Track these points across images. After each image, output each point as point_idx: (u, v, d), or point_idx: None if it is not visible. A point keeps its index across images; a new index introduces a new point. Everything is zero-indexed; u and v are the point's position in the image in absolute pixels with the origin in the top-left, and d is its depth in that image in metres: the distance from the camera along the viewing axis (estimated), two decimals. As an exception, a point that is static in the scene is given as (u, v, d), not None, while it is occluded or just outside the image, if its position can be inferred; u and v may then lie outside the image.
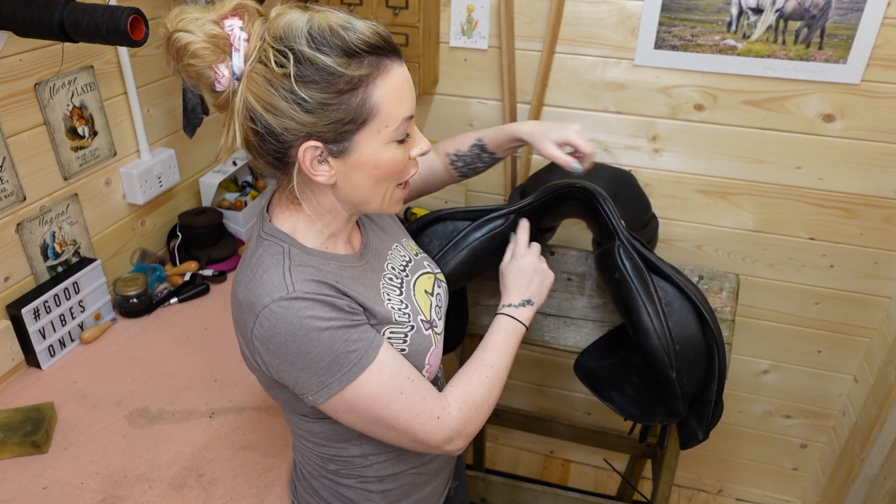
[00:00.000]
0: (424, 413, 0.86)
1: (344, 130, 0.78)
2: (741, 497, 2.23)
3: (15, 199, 1.26)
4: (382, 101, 0.78)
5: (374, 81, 0.77)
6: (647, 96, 1.65)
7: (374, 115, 0.78)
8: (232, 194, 1.83)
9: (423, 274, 1.04)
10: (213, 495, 1.07)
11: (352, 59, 0.75)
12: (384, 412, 0.84)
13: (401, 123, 0.80)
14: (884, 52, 1.46)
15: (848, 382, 1.90)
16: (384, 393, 0.84)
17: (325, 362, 0.81)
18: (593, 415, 2.22)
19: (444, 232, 1.20)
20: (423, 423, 0.86)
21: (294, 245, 0.86)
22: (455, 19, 1.68)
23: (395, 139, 0.81)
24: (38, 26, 1.07)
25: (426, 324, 0.96)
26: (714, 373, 1.16)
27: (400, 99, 0.79)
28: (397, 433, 0.87)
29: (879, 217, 1.65)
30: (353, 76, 0.75)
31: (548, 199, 1.21)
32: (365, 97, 0.77)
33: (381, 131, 0.79)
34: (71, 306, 1.36)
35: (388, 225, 1.07)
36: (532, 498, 1.66)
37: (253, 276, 0.83)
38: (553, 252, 1.46)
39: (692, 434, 1.22)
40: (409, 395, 0.86)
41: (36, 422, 1.14)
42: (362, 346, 0.83)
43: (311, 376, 0.81)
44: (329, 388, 0.82)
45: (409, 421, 0.86)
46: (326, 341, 0.80)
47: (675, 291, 1.17)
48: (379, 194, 0.86)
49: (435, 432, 0.87)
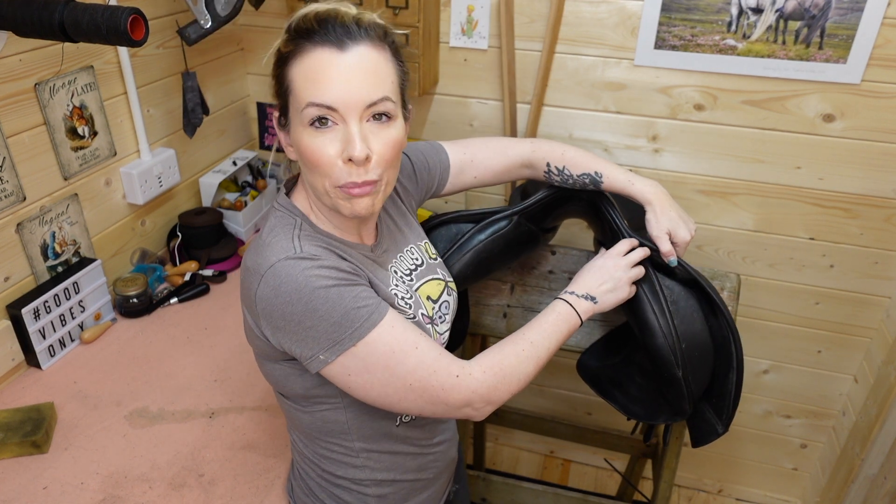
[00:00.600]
0: (442, 369, 0.84)
1: (282, 103, 0.84)
2: (741, 497, 2.23)
3: (15, 199, 1.26)
4: (295, 80, 0.80)
5: (292, 60, 0.81)
6: (647, 96, 1.65)
7: (290, 92, 0.82)
8: (232, 194, 1.83)
9: (433, 279, 1.03)
10: (213, 495, 1.07)
11: (288, 34, 0.81)
12: (400, 368, 0.82)
13: (307, 107, 0.79)
14: (884, 52, 1.46)
15: (848, 382, 1.90)
16: (399, 347, 0.82)
17: (334, 318, 0.79)
18: (593, 415, 2.22)
19: (448, 235, 1.20)
20: (440, 381, 0.84)
21: (306, 221, 0.88)
22: (455, 19, 1.68)
23: (307, 123, 0.80)
24: (38, 26, 1.07)
25: (426, 318, 0.95)
26: (732, 363, 1.15)
27: (312, 83, 0.79)
28: (415, 394, 0.84)
29: (879, 217, 1.65)
30: (283, 50, 0.82)
31: (551, 200, 1.21)
32: (284, 72, 0.82)
33: (300, 111, 0.80)
34: (71, 306, 1.36)
35: (406, 225, 1.06)
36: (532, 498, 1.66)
37: (262, 243, 0.84)
38: (554, 251, 1.46)
39: (710, 428, 1.19)
40: (425, 349, 0.84)
41: (36, 422, 1.14)
42: (372, 302, 0.82)
43: (321, 334, 0.80)
44: (341, 345, 0.80)
45: (426, 378, 0.83)
46: (335, 297, 0.79)
47: (680, 289, 1.17)
48: (318, 185, 0.84)
49: (454, 391, 0.84)
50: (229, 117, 1.88)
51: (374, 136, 0.81)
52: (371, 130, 0.81)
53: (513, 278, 1.46)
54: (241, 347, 1.40)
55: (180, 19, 1.57)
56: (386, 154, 0.82)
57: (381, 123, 0.82)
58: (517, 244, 1.23)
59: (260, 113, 1.96)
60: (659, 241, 1.10)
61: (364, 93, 0.79)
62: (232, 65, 1.85)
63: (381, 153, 0.82)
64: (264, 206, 1.87)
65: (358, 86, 0.79)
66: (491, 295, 1.47)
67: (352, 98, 0.79)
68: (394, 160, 0.85)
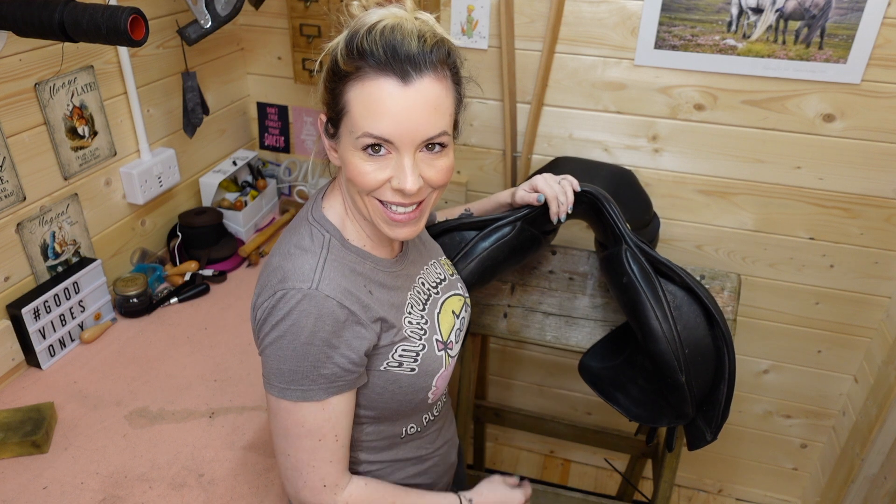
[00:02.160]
0: (320, 472, 0.87)
1: (332, 116, 0.83)
2: (741, 497, 2.23)
3: (15, 199, 1.25)
4: (353, 104, 0.79)
5: (352, 82, 0.78)
6: (647, 96, 1.65)
7: (345, 112, 0.80)
8: (232, 194, 1.83)
9: (455, 295, 1.04)
10: (213, 495, 1.07)
11: (349, 53, 0.78)
12: (294, 441, 0.86)
13: (362, 135, 0.78)
14: (884, 51, 1.46)
15: (848, 382, 1.90)
16: (307, 428, 0.85)
17: (285, 367, 0.82)
18: (594, 414, 2.22)
19: (452, 243, 1.20)
20: (309, 477, 0.87)
21: (336, 237, 0.88)
22: (455, 19, 1.68)
23: (360, 147, 0.80)
24: (38, 26, 1.07)
25: (440, 344, 0.95)
26: (724, 374, 1.16)
27: (372, 112, 0.77)
28: (288, 464, 0.88)
29: (879, 217, 1.65)
30: (342, 69, 0.79)
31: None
32: (342, 91, 0.80)
33: (352, 132, 0.80)
34: (71, 306, 1.36)
35: (429, 239, 1.08)
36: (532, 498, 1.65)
37: (289, 254, 0.85)
38: (555, 251, 1.46)
39: (700, 435, 1.21)
40: (325, 449, 0.86)
41: (36, 422, 1.14)
42: (325, 382, 0.83)
43: (272, 364, 0.83)
44: (271, 387, 0.84)
45: (303, 464, 0.87)
46: (301, 354, 0.81)
47: (683, 295, 1.17)
48: (356, 200, 0.85)
49: (311, 495, 0.88)
50: (229, 117, 1.88)
51: (427, 165, 0.81)
52: (424, 160, 0.81)
53: (513, 278, 1.46)
54: (241, 347, 1.40)
55: (180, 19, 1.57)
56: (438, 181, 0.83)
57: (435, 154, 0.82)
58: (521, 249, 1.23)
59: (260, 113, 1.96)
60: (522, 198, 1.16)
61: (423, 129, 0.78)
62: (232, 65, 1.85)
63: (432, 180, 0.83)
64: (264, 205, 1.87)
65: (417, 121, 0.78)
66: (491, 295, 1.47)
67: (410, 134, 0.78)
68: (446, 184, 0.86)
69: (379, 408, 0.92)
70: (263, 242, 1.77)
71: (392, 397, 0.91)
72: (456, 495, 1.02)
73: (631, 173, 1.66)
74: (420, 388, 0.92)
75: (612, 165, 1.69)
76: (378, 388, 0.90)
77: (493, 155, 1.84)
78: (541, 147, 1.79)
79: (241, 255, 1.71)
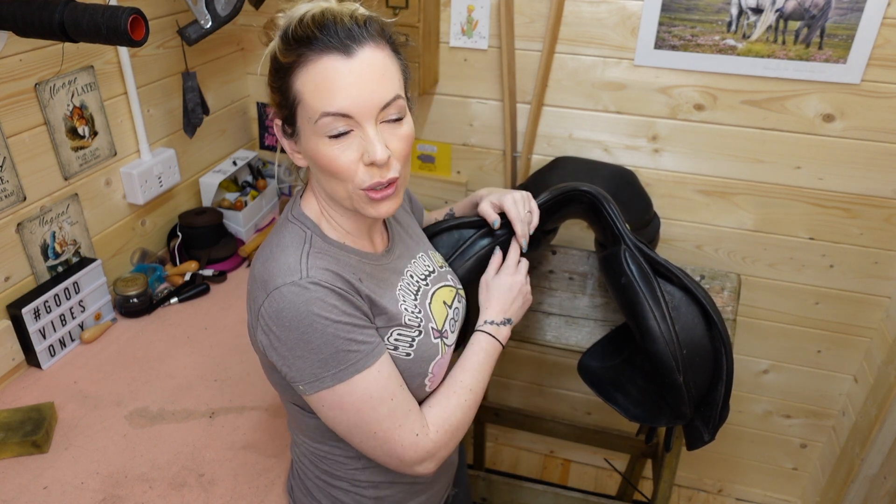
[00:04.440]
0: (407, 426, 0.86)
1: (287, 114, 0.82)
2: (741, 497, 2.23)
3: (15, 199, 1.26)
4: (304, 91, 0.79)
5: (297, 70, 0.79)
6: (647, 96, 1.65)
7: (298, 103, 0.80)
8: (232, 194, 1.83)
9: (445, 286, 1.03)
10: (213, 495, 1.07)
11: (285, 44, 0.79)
12: (371, 415, 0.84)
13: (321, 117, 0.78)
14: (884, 52, 1.46)
15: (848, 382, 1.90)
16: (376, 395, 0.83)
17: (323, 355, 0.80)
18: (593, 414, 2.22)
19: (451, 241, 1.20)
20: (402, 437, 0.86)
21: (317, 233, 0.87)
22: (455, 19, 1.68)
23: (325, 133, 0.79)
24: (38, 26, 1.07)
25: (436, 332, 0.95)
26: (722, 375, 1.16)
27: (323, 92, 0.77)
28: (377, 442, 0.86)
29: (879, 217, 1.65)
30: (283, 61, 0.79)
31: (552, 203, 1.21)
32: (288, 84, 0.80)
33: (311, 121, 0.79)
34: (71, 306, 1.36)
35: (415, 233, 1.08)
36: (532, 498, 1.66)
37: (271, 255, 0.84)
38: (555, 251, 1.46)
39: (698, 435, 1.21)
40: (399, 403, 0.85)
41: (36, 422, 1.14)
42: (364, 348, 0.82)
43: (307, 366, 0.81)
44: (321, 382, 0.82)
45: (391, 430, 0.85)
46: (329, 335, 0.80)
47: (682, 295, 1.17)
48: (338, 190, 0.84)
49: (411, 449, 0.87)
50: (229, 117, 1.88)
51: (391, 135, 0.82)
52: (386, 131, 0.82)
53: (513, 278, 1.46)
54: (242, 347, 1.40)
55: (180, 19, 1.57)
56: (403, 150, 0.84)
57: (396, 123, 0.83)
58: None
59: (260, 113, 1.96)
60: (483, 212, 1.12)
61: (377, 96, 0.79)
62: (232, 65, 1.85)
63: (398, 150, 0.83)
64: (264, 205, 1.87)
65: (370, 89, 0.78)
66: (491, 295, 1.47)
67: (366, 103, 0.78)
68: (409, 155, 0.87)
69: None
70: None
71: None
72: (477, 331, 1.02)
73: (631, 173, 1.66)
74: (416, 373, 0.91)
75: (613, 165, 1.69)
76: None
77: (493, 155, 1.84)
78: (541, 147, 1.79)
79: (242, 255, 1.71)
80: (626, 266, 1.16)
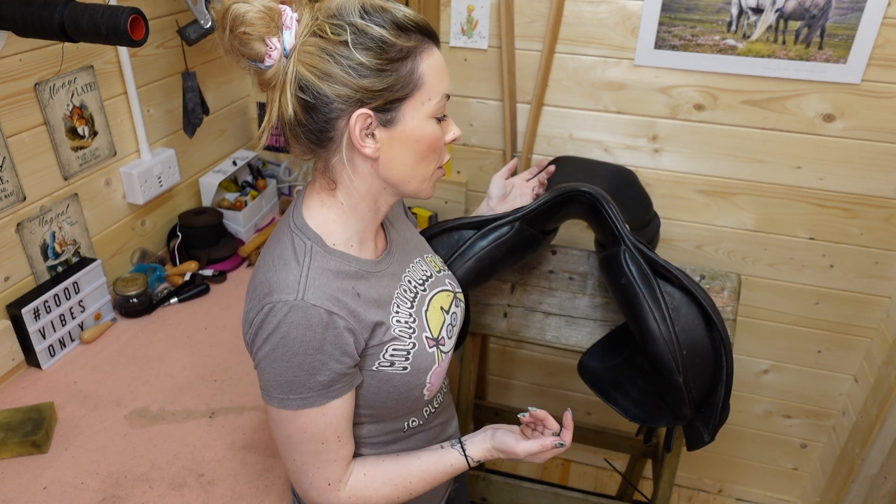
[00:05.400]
0: (324, 472, 0.89)
1: (393, 98, 0.82)
2: (741, 497, 2.23)
3: (15, 199, 1.26)
4: (428, 74, 0.83)
5: (421, 54, 0.82)
6: (647, 96, 1.65)
7: (419, 86, 0.83)
8: (232, 194, 1.83)
9: (443, 291, 1.03)
10: (213, 495, 1.07)
11: (402, 31, 0.80)
12: (298, 447, 0.87)
13: (441, 98, 0.85)
14: (884, 51, 1.46)
15: (848, 382, 1.90)
16: (309, 433, 0.86)
17: (281, 378, 0.83)
18: (593, 415, 2.22)
19: (450, 242, 1.20)
20: (315, 477, 0.89)
21: (318, 243, 0.87)
22: (455, 19, 1.68)
23: (435, 115, 0.86)
24: (38, 26, 1.07)
25: (431, 341, 0.95)
26: (722, 376, 1.16)
27: (441, 75, 0.85)
28: (293, 467, 0.90)
29: (879, 217, 1.65)
30: (404, 46, 0.81)
31: (552, 204, 1.21)
32: (413, 67, 0.82)
33: (425, 104, 0.84)
34: (71, 306, 1.36)
35: (412, 238, 1.07)
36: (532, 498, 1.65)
37: (273, 267, 0.85)
38: (555, 251, 1.46)
39: (698, 436, 1.21)
40: (327, 450, 0.88)
41: (36, 422, 1.14)
42: (320, 388, 0.84)
43: (267, 377, 0.84)
44: (270, 399, 0.85)
45: (308, 467, 0.89)
46: (295, 364, 0.82)
47: (681, 296, 1.17)
48: (419, 173, 0.88)
49: (316, 493, 0.90)
50: (229, 117, 1.88)
51: None
52: None
53: (513, 278, 1.46)
54: (241, 347, 1.39)
55: (180, 19, 1.57)
56: None
57: None
58: (519, 249, 1.23)
59: (260, 113, 1.96)
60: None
61: None
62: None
63: None
64: (264, 205, 1.87)
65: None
66: (491, 294, 1.47)
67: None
68: None
69: (375, 406, 0.92)
70: (263, 242, 1.77)
71: (388, 396, 0.91)
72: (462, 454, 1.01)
73: (632, 173, 1.66)
74: (414, 385, 0.92)
75: (613, 165, 1.69)
76: (372, 388, 0.90)
77: (493, 155, 1.84)
78: (541, 147, 1.79)
79: (241, 255, 1.71)
80: (626, 267, 1.16)
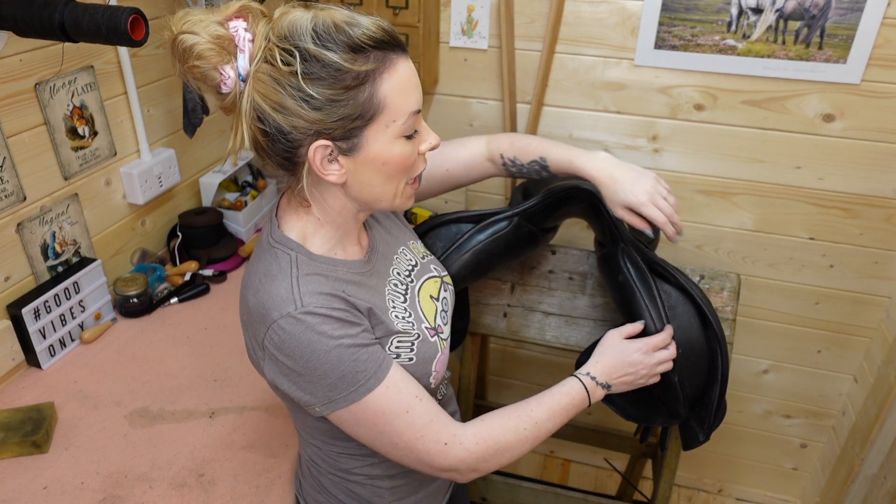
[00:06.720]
0: (429, 435, 0.86)
1: (353, 127, 0.78)
2: (741, 497, 2.23)
3: (15, 199, 1.26)
4: (389, 96, 0.77)
5: (381, 76, 0.76)
6: (647, 96, 1.65)
7: (381, 109, 0.78)
8: (232, 194, 1.83)
9: (430, 278, 1.03)
10: (213, 495, 1.07)
11: (357, 54, 0.75)
12: (388, 429, 0.85)
13: (408, 118, 0.80)
14: (884, 52, 1.46)
15: (848, 382, 1.90)
16: (389, 410, 0.84)
17: (331, 380, 0.81)
18: (593, 414, 2.22)
19: (448, 235, 1.20)
20: (426, 446, 0.86)
21: (301, 252, 0.86)
22: (455, 19, 1.68)
23: (403, 134, 0.81)
24: (38, 26, 1.07)
25: (431, 331, 0.95)
26: (717, 376, 1.16)
27: (406, 93, 0.79)
28: (401, 451, 0.87)
29: (879, 217, 1.65)
30: (360, 71, 0.75)
31: (551, 201, 1.21)
32: (372, 92, 0.76)
33: (390, 126, 0.79)
34: (71, 306, 1.36)
35: (394, 227, 1.06)
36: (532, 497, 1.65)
37: (261, 286, 0.83)
38: (555, 251, 1.46)
39: (693, 436, 1.22)
40: (416, 415, 0.86)
41: (36, 422, 1.14)
42: (371, 366, 0.83)
43: (318, 390, 0.82)
44: (335, 404, 0.83)
45: (412, 441, 0.86)
46: (334, 360, 0.80)
47: (678, 295, 1.17)
48: (390, 191, 0.85)
49: (439, 457, 0.87)
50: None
51: None
52: None
53: (513, 278, 1.46)
54: (241, 347, 1.39)
55: (180, 19, 1.57)
56: None
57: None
58: (517, 245, 1.23)
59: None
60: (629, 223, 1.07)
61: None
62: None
63: None
64: (264, 205, 1.87)
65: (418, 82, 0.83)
66: (491, 294, 1.47)
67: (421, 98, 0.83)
68: None
69: None
70: (263, 242, 1.77)
71: None
72: (574, 377, 1.01)
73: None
74: (421, 374, 0.92)
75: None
76: None
77: (493, 155, 1.84)
78: (541, 147, 1.79)
79: (242, 255, 1.71)
80: (624, 265, 1.16)
